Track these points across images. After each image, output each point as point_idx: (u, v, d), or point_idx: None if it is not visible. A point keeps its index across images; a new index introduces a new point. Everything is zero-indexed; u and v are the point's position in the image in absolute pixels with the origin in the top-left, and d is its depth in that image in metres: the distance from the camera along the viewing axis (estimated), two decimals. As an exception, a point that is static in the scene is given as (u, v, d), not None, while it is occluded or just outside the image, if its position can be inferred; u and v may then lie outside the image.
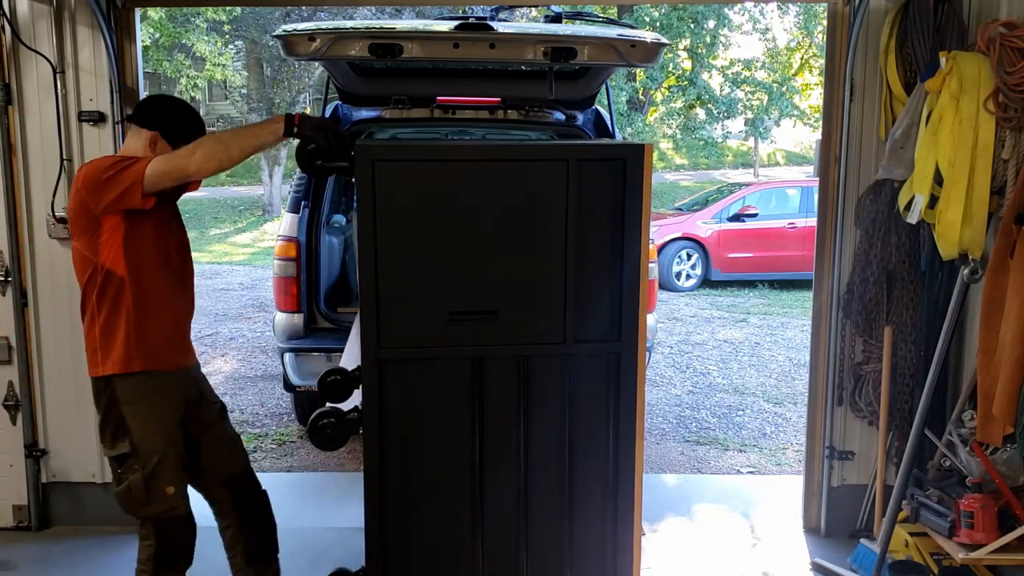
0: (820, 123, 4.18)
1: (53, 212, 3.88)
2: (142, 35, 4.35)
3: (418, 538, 2.56)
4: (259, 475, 3.14)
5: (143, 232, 2.75)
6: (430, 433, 2.53)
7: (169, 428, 2.81)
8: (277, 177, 19.51)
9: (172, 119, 2.89)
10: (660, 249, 11.39)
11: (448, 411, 2.51)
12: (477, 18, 4.35)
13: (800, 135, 25.99)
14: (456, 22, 4.00)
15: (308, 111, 21.04)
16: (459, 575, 2.58)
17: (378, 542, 2.51)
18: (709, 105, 20.14)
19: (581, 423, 2.53)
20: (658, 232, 11.44)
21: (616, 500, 2.56)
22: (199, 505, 2.98)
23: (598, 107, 5.42)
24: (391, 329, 2.44)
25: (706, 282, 12.04)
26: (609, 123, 5.22)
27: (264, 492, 3.13)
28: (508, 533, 2.55)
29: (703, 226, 12.12)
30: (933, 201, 3.35)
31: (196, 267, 3.07)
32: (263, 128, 2.70)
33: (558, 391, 2.51)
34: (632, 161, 2.43)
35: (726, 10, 19.13)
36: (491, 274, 2.47)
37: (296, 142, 2.67)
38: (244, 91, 21.51)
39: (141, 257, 2.75)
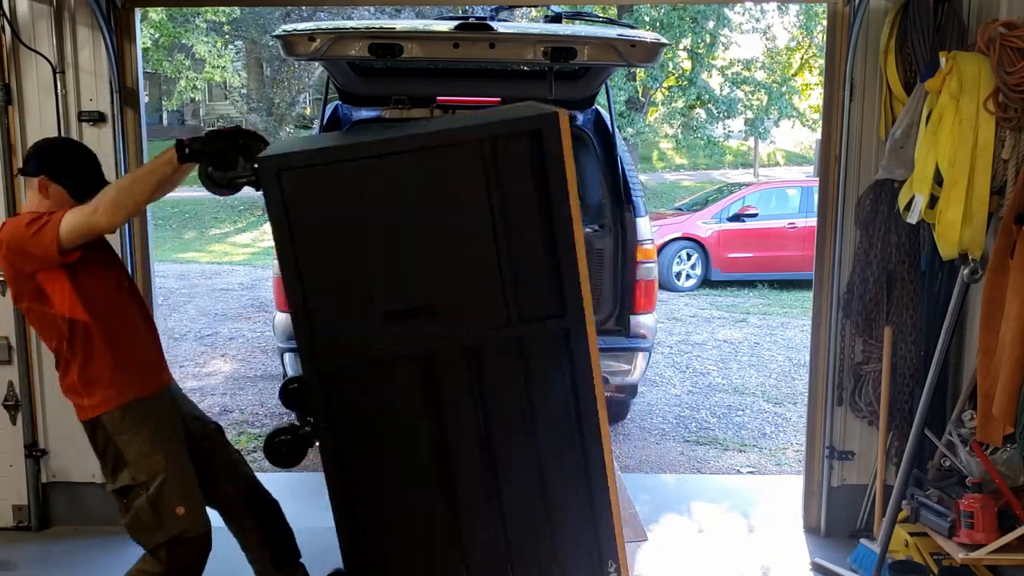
0: (820, 123, 4.18)
1: (53, 212, 3.88)
2: (142, 35, 4.36)
3: (394, 540, 2.51)
4: (258, 475, 3.14)
5: (88, 271, 2.70)
6: (389, 435, 2.47)
7: (168, 448, 2.76)
8: (277, 177, 19.48)
9: (50, 158, 2.82)
10: (660, 249, 11.39)
11: (403, 411, 2.45)
12: (477, 18, 4.36)
13: (800, 135, 25.97)
14: (456, 22, 4.01)
15: (308, 111, 21.07)
16: (443, 571, 2.53)
17: (354, 552, 2.46)
18: (709, 105, 20.12)
19: (541, 403, 2.46)
20: (658, 232, 11.43)
21: (588, 472, 2.48)
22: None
23: (598, 107, 5.43)
24: (328, 338, 2.38)
25: (706, 282, 12.04)
26: (609, 123, 5.23)
27: (275, 501, 3.13)
28: (486, 521, 2.49)
29: (703, 226, 12.11)
30: (933, 201, 3.35)
31: (196, 267, 3.09)
32: (158, 160, 2.62)
33: (512, 375, 2.43)
34: (548, 131, 2.33)
35: (726, 10, 19.11)
36: (422, 268, 2.39)
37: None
38: (244, 91, 21.52)
39: (95, 295, 2.71)
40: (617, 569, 2.52)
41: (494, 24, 3.98)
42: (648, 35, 4.06)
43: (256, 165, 2.41)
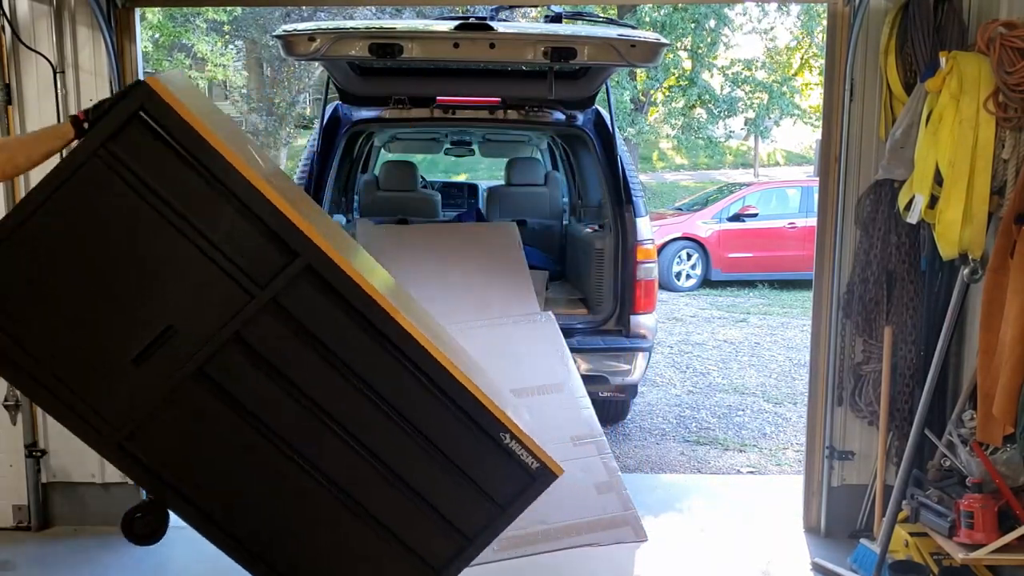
0: (820, 123, 4.18)
1: (53, 212, 3.88)
2: (142, 36, 4.36)
3: (295, 540, 2.45)
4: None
5: None
6: (226, 466, 2.38)
7: None
8: (277, 177, 19.49)
9: None
10: (660, 249, 11.40)
11: (222, 436, 2.35)
12: (477, 18, 4.35)
13: (800, 135, 25.96)
14: (456, 22, 4.01)
15: (308, 111, 21.05)
16: (358, 543, 2.45)
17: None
18: (710, 105, 20.15)
19: (336, 342, 2.34)
20: (658, 232, 11.45)
21: (426, 372, 2.37)
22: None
23: (598, 107, 5.43)
24: (96, 415, 2.29)
25: (706, 282, 12.05)
26: (609, 123, 5.23)
27: None
28: (367, 475, 2.40)
29: (703, 226, 12.13)
30: (933, 201, 3.35)
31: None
32: (49, 133, 2.44)
33: (292, 336, 2.32)
34: (148, 102, 2.18)
35: (726, 10, 19.13)
36: (139, 298, 2.27)
37: None
38: (244, 91, 21.54)
39: None
40: (513, 437, 2.43)
41: (494, 24, 3.98)
42: (648, 35, 4.06)
43: None
